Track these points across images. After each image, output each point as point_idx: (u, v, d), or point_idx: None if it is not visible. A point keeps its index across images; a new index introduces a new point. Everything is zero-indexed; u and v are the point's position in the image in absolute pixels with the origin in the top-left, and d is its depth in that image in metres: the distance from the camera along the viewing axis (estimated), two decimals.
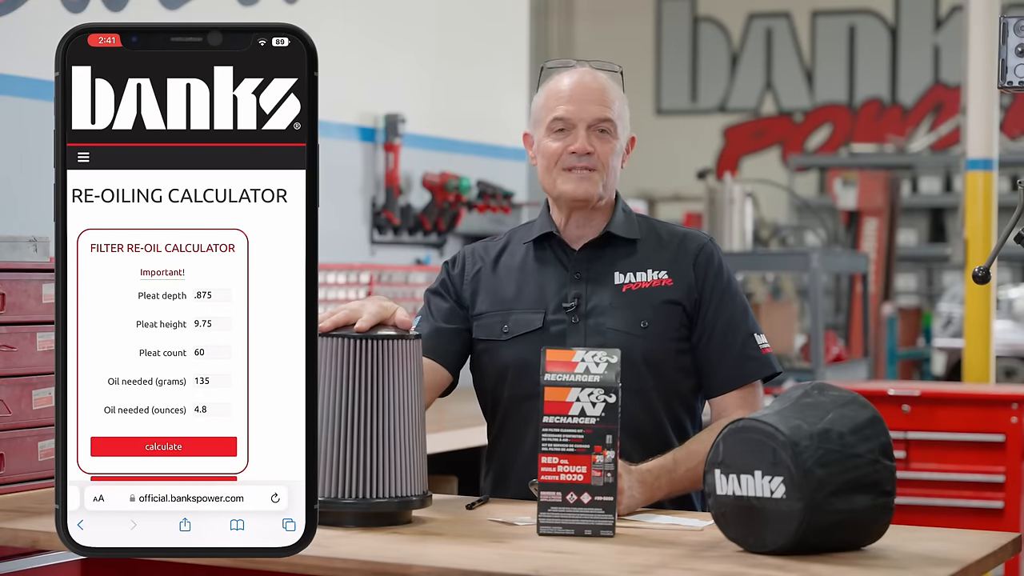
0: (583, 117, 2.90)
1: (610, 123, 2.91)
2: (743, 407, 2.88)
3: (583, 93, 2.92)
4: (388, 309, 2.58)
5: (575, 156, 2.90)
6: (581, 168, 2.90)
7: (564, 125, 2.91)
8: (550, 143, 2.92)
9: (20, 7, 4.14)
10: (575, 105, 2.91)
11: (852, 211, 10.57)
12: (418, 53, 5.82)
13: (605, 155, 2.91)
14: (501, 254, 3.04)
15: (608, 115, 2.91)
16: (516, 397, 2.93)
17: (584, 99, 2.91)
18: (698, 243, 2.97)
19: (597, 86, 2.93)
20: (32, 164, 4.19)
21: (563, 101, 2.91)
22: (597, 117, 2.91)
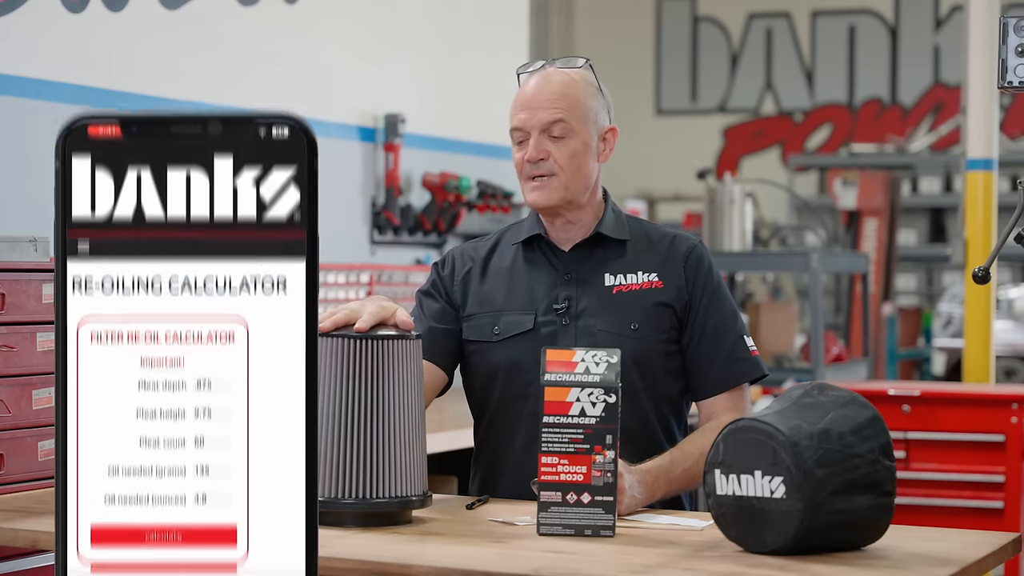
0: (534, 124, 2.89)
1: (563, 124, 2.88)
2: (733, 409, 2.89)
3: (535, 98, 2.90)
4: (388, 309, 2.58)
5: (530, 165, 2.91)
6: (538, 176, 2.90)
7: (521, 135, 2.92)
8: (514, 153, 2.95)
9: (20, 7, 4.14)
10: (527, 112, 2.90)
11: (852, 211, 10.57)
12: (418, 53, 5.82)
13: (561, 158, 2.89)
14: (491, 255, 3.04)
15: (558, 116, 2.88)
16: (506, 398, 2.93)
17: (535, 104, 2.90)
18: (688, 245, 2.97)
19: (551, 88, 2.90)
20: (32, 164, 4.19)
21: (518, 109, 2.92)
22: (546, 121, 2.89)
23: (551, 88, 2.90)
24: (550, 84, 2.91)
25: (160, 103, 4.61)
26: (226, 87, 4.87)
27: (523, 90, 2.94)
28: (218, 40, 4.85)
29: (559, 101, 2.89)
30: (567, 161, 2.89)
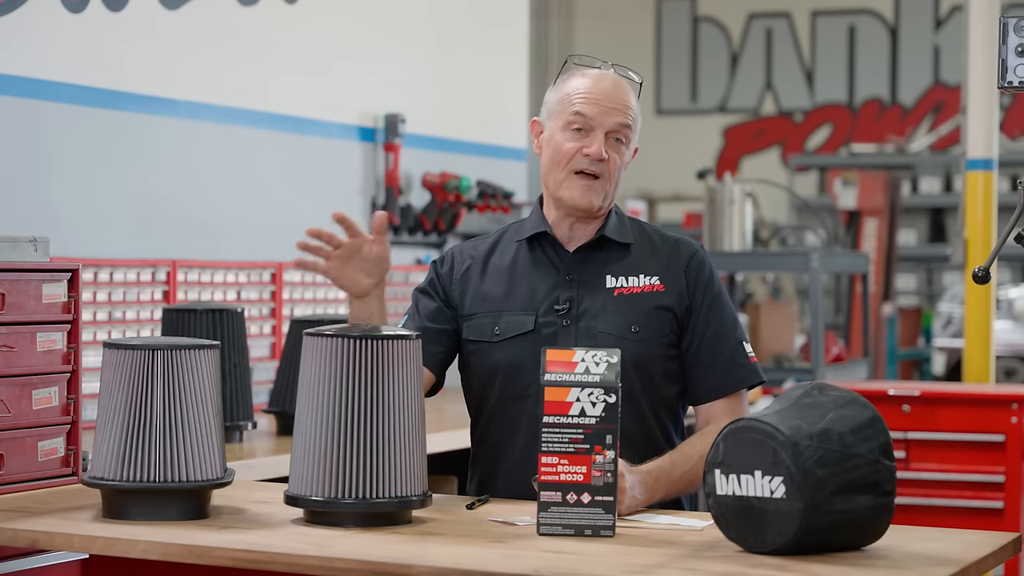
0: (603, 122, 2.88)
1: (627, 131, 2.90)
2: (730, 414, 2.89)
3: (607, 97, 2.89)
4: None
5: (588, 160, 2.87)
6: (591, 174, 2.88)
7: (583, 124, 2.88)
8: (564, 141, 2.89)
9: (20, 7, 4.14)
10: (598, 108, 2.88)
11: (852, 211, 10.57)
12: (418, 53, 5.82)
13: (615, 165, 2.90)
14: (491, 253, 3.03)
15: (627, 122, 2.90)
16: (505, 398, 2.93)
17: (607, 103, 2.88)
18: (690, 250, 2.97)
19: (620, 92, 2.91)
20: (32, 164, 4.19)
21: (586, 100, 2.88)
22: (618, 123, 2.89)
23: (625, 93, 2.91)
24: (623, 88, 2.91)
25: (160, 103, 4.61)
26: (226, 87, 4.87)
27: (594, 84, 2.90)
28: (218, 40, 4.84)
29: (630, 109, 2.91)
30: (617, 170, 2.91)
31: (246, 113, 4.94)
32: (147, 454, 2.59)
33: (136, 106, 4.52)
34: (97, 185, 4.38)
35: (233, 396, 3.86)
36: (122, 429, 2.60)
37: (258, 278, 4.86)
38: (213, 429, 2.64)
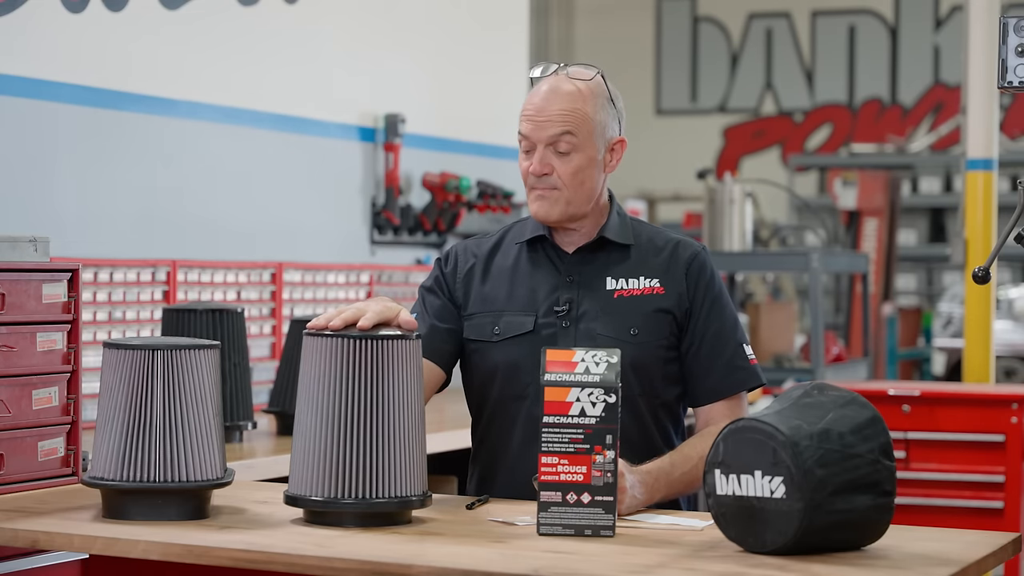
0: (539, 137, 2.87)
1: (569, 138, 2.86)
2: (730, 416, 2.88)
3: (538, 111, 2.87)
4: (392, 309, 2.58)
5: (534, 177, 2.89)
6: (542, 189, 2.89)
7: (527, 145, 2.90)
8: (521, 161, 2.93)
9: (20, 7, 4.14)
10: (532, 124, 2.88)
11: (852, 211, 10.57)
12: (418, 53, 5.82)
13: (565, 174, 2.87)
14: (494, 252, 3.03)
15: (564, 130, 2.85)
16: (504, 399, 2.93)
17: (539, 117, 2.87)
18: (691, 252, 2.97)
19: (560, 100, 2.86)
20: (32, 164, 4.19)
21: (526, 118, 2.89)
22: (553, 135, 2.86)
23: (560, 100, 2.86)
24: (559, 95, 2.87)
25: (160, 103, 4.61)
26: (226, 87, 4.87)
27: (533, 96, 2.90)
28: (218, 40, 4.84)
29: (567, 115, 2.86)
30: (570, 177, 2.88)
31: (246, 113, 4.94)
32: (147, 454, 2.59)
33: (136, 106, 4.52)
34: (97, 185, 4.38)
35: (233, 396, 3.86)
36: (122, 429, 2.60)
37: (258, 278, 4.86)
38: (213, 429, 2.64)
